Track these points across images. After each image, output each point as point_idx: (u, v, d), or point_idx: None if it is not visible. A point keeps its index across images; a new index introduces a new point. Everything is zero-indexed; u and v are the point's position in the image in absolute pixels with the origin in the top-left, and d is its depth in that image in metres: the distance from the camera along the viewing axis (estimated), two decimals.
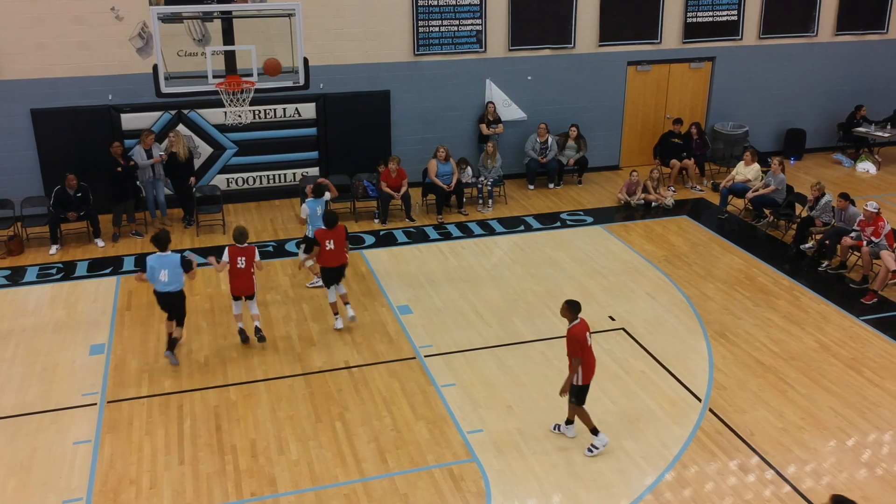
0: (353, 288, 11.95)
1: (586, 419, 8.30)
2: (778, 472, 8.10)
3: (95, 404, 9.15)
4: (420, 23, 15.28)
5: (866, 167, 17.42)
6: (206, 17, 12.88)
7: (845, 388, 9.49)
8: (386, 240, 13.82)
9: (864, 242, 11.95)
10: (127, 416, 8.96)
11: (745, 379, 9.69)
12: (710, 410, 9.08)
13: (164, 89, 10.50)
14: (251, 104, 14.67)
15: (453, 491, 7.83)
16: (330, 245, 10.41)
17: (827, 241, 12.58)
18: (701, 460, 8.27)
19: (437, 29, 15.41)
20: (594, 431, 8.31)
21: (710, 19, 16.94)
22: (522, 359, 10.10)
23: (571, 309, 8.14)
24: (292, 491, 7.83)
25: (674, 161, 16.22)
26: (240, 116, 11.05)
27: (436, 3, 15.24)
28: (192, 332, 10.74)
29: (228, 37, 10.95)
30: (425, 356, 10.16)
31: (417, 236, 13.97)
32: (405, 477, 8.02)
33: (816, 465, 8.20)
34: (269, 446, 8.47)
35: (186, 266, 9.79)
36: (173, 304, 9.90)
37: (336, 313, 10.76)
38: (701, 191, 16.08)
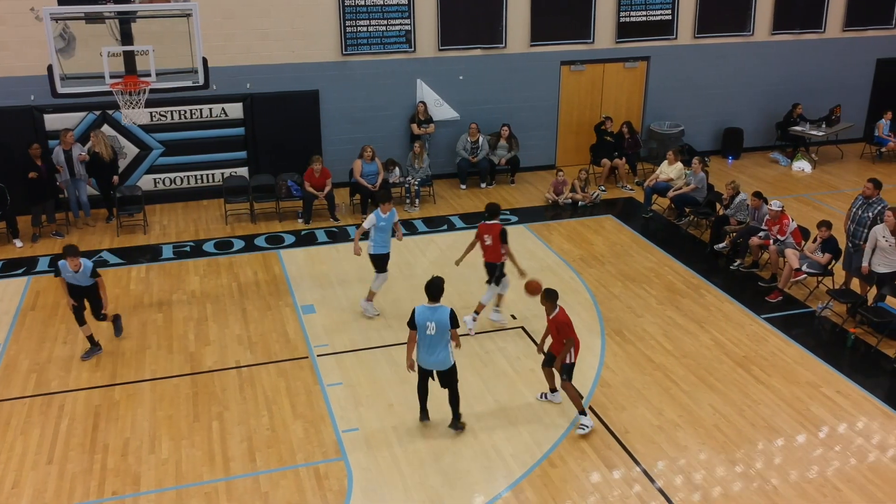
0: (262, 288, 11.98)
1: (577, 400, 8.67)
2: (643, 471, 8.12)
3: None
4: (348, 22, 15.29)
5: (801, 166, 17.46)
6: (94, 18, 12.82)
7: (729, 386, 9.52)
8: (307, 239, 13.83)
9: (771, 241, 11.98)
10: (6, 416, 8.96)
11: (632, 377, 9.72)
12: (590, 408, 9.10)
13: (60, 90, 10.50)
14: (178, 104, 14.89)
15: (315, 489, 7.84)
16: (487, 241, 10.56)
17: (740, 240, 12.61)
18: (570, 458, 8.29)
19: (365, 29, 15.42)
20: (582, 412, 8.65)
21: (644, 19, 16.97)
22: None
23: (549, 297, 8.54)
24: (154, 490, 7.84)
25: (605, 160, 16.25)
26: (135, 116, 11.00)
27: (363, 3, 15.26)
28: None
29: (127, 37, 10.93)
30: (318, 356, 10.18)
31: (339, 236, 13.99)
32: (269, 476, 8.03)
33: (685, 463, 8.23)
34: (142, 445, 8.48)
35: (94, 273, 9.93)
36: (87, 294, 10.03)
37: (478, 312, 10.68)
38: (631, 190, 16.11)
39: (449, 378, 8.47)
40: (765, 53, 17.88)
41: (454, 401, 8.60)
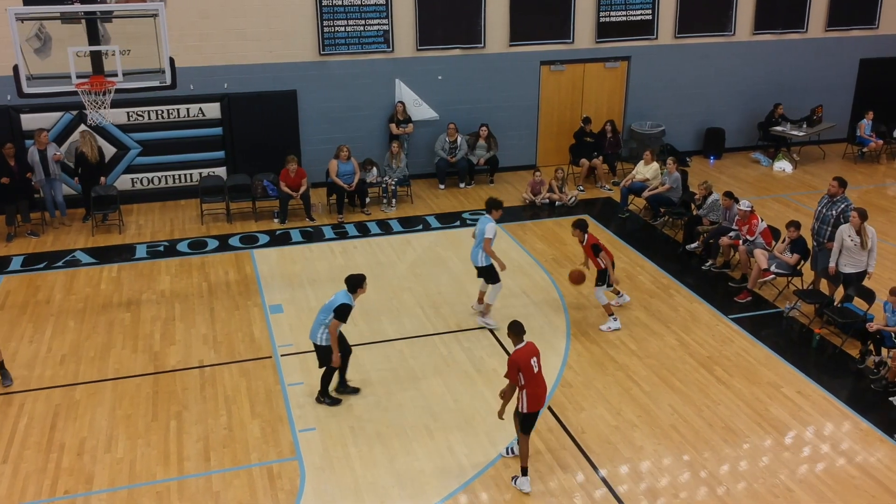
0: (232, 288, 11.99)
1: (524, 454, 7.77)
2: (596, 470, 8.12)
3: None
4: (325, 23, 15.30)
5: (783, 166, 17.43)
6: (70, 19, 12.85)
7: (690, 387, 9.51)
8: (281, 239, 13.85)
9: (741, 241, 11.96)
10: None
11: (594, 377, 9.71)
12: (549, 408, 9.10)
13: (26, 90, 10.51)
14: (156, 104, 14.92)
15: (266, 489, 7.85)
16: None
17: (711, 241, 12.60)
18: None
19: (342, 29, 15.43)
20: (524, 471, 7.79)
21: (624, 19, 16.96)
22: (378, 357, 10.12)
23: (513, 330, 7.81)
24: (106, 489, 7.86)
25: (583, 160, 16.25)
26: (102, 117, 11.01)
27: (340, 3, 15.26)
28: (58, 331, 10.77)
29: (95, 37, 10.96)
30: (282, 355, 10.19)
31: (314, 236, 14.00)
32: (223, 475, 8.05)
33: (637, 463, 8.23)
34: (98, 445, 8.50)
35: None
36: None
37: (612, 314, 10.85)
38: (609, 190, 16.10)
39: (319, 356, 9.05)
40: (746, 53, 17.86)
41: (322, 379, 9.13)
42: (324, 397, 9.17)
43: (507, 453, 8.30)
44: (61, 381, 9.64)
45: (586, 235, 10.63)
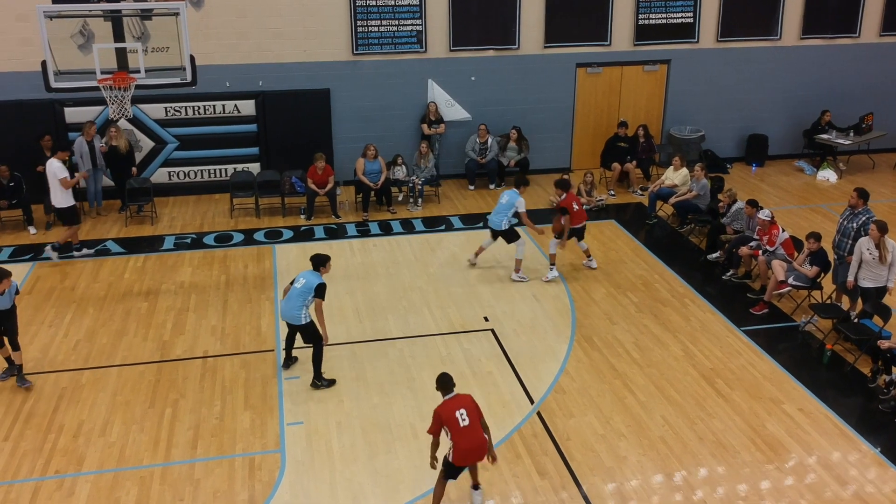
0: (248, 282, 12.26)
1: (436, 496, 7.41)
2: (574, 478, 8.03)
3: None
4: (359, 22, 15.48)
5: (827, 175, 16.86)
6: (112, 16, 13.30)
7: (687, 398, 9.32)
8: (305, 235, 14.07)
9: (760, 251, 11.64)
10: None
11: (590, 384, 9.60)
12: (537, 413, 9.04)
13: (54, 84, 10.95)
14: (193, 100, 15.34)
15: (245, 479, 8.02)
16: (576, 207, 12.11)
17: (733, 250, 12.28)
18: (503, 462, 8.25)
19: (376, 29, 15.58)
20: None
21: (664, 21, 16.65)
22: (377, 355, 10.21)
23: (440, 383, 7.44)
24: (94, 471, 8.14)
25: (615, 164, 16.03)
26: (124, 111, 11.39)
27: (374, 3, 15.42)
28: (77, 317, 11.19)
29: (119, 34, 11.35)
30: (284, 349, 10.35)
31: (337, 233, 14.18)
32: (206, 464, 8.25)
33: (617, 473, 8.10)
34: (94, 428, 8.81)
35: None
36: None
37: (553, 264, 12.21)
38: (641, 195, 15.83)
39: (306, 335, 9.32)
40: (793, 58, 17.31)
41: (313, 360, 9.39)
42: (319, 381, 9.43)
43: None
44: (71, 366, 10.02)
45: (565, 195, 12.06)
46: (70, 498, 7.78)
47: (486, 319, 11.12)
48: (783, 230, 11.65)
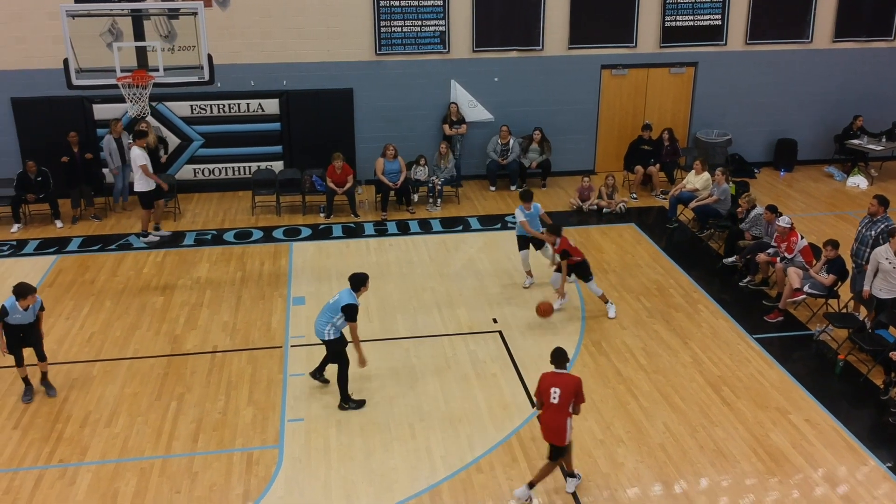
0: (263, 279, 12.39)
1: (567, 460, 7.85)
2: (566, 482, 7.98)
3: None
4: (382, 23, 15.55)
5: (857, 182, 16.49)
6: (139, 15, 13.56)
7: (691, 406, 9.20)
8: (322, 233, 14.18)
9: (778, 258, 11.44)
10: None
11: (593, 388, 9.52)
12: (538, 418, 8.98)
13: (75, 82, 11.20)
14: (218, 99, 15.56)
15: (241, 474, 8.12)
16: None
17: (748, 256, 12.10)
18: (499, 465, 8.25)
19: (399, 29, 15.64)
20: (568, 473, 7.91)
21: (691, 23, 16.44)
22: (383, 353, 10.26)
23: (551, 355, 7.74)
24: (96, 461, 8.31)
25: (638, 167, 15.87)
26: (142, 108, 11.60)
27: (398, 3, 15.48)
28: (94, 310, 11.42)
29: (139, 33, 11.56)
30: (292, 346, 10.47)
31: (355, 232, 14.26)
32: (205, 457, 8.37)
33: (612, 479, 8.03)
34: (100, 419, 8.99)
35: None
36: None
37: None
38: (664, 199, 15.65)
39: (330, 353, 9.16)
40: (825, 62, 16.97)
41: (339, 381, 9.12)
42: (346, 403, 9.12)
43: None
44: (84, 358, 10.24)
45: (558, 240, 11.07)
46: (71, 487, 7.95)
47: (495, 321, 11.10)
48: (802, 237, 11.44)
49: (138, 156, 13.32)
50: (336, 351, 9.06)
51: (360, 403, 9.17)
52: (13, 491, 7.89)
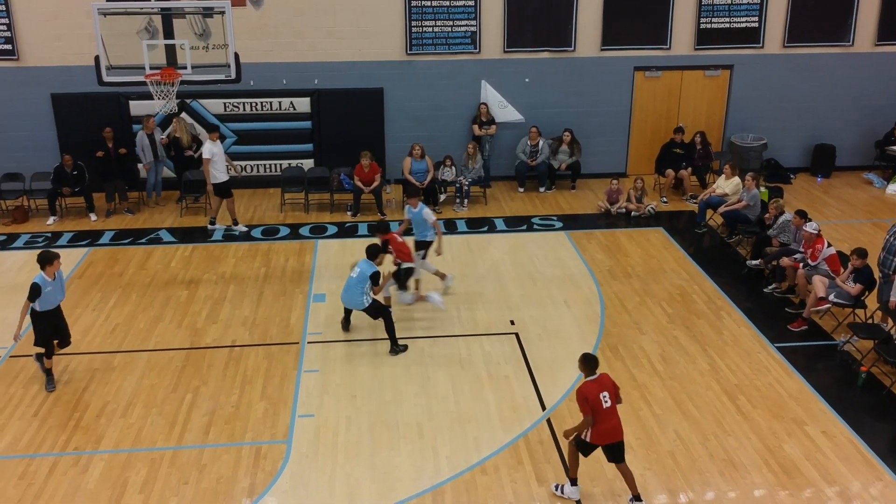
0: (286, 275, 12.53)
1: (574, 465, 7.78)
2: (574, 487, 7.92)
3: None
4: (413, 23, 15.61)
5: None
6: (177, 14, 13.81)
7: (705, 414, 9.05)
8: (348, 231, 14.29)
9: (801, 265, 11.20)
10: (17, 370, 9.94)
11: None
12: (547, 421, 8.95)
13: (106, 79, 11.46)
14: (251, 97, 15.78)
15: (248, 468, 8.22)
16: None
17: (773, 262, 11.87)
18: (504, 467, 8.22)
19: (430, 29, 15.68)
20: (573, 481, 7.81)
21: (727, 26, 16.19)
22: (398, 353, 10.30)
23: (585, 363, 7.61)
24: (110, 450, 8.49)
25: (669, 171, 15.68)
26: (168, 105, 11.82)
27: (429, 4, 15.52)
28: (120, 302, 11.67)
29: (168, 31, 11.78)
30: (309, 342, 10.57)
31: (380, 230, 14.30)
32: (214, 450, 8.49)
33: (619, 486, 7.95)
34: (117, 409, 9.18)
35: None
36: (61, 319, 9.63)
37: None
38: (694, 203, 15.43)
39: (372, 314, 10.31)
40: (866, 65, 16.58)
41: (387, 331, 10.26)
42: (396, 346, 10.24)
43: (556, 490, 7.90)
44: (107, 349, 10.46)
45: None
46: (84, 474, 8.13)
47: (512, 323, 11.07)
48: (829, 245, 11.18)
49: (203, 149, 14.08)
50: (375, 311, 10.25)
51: (404, 347, 10.30)
52: (28, 476, 8.10)
